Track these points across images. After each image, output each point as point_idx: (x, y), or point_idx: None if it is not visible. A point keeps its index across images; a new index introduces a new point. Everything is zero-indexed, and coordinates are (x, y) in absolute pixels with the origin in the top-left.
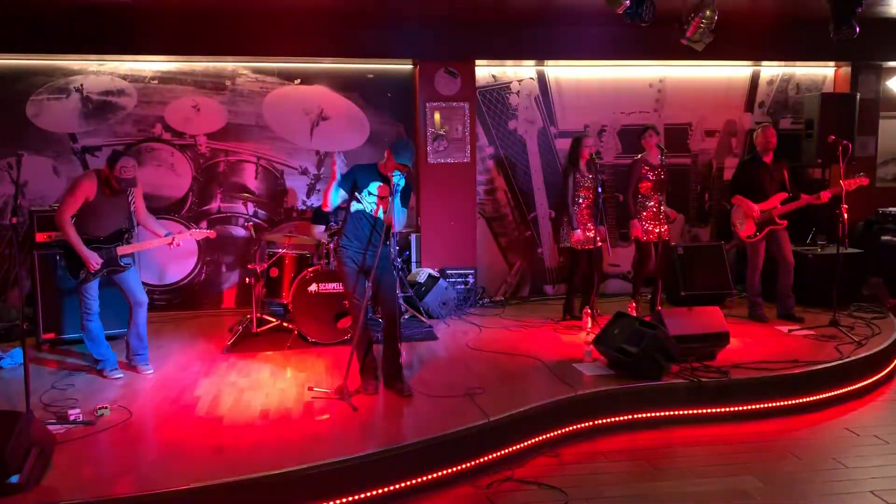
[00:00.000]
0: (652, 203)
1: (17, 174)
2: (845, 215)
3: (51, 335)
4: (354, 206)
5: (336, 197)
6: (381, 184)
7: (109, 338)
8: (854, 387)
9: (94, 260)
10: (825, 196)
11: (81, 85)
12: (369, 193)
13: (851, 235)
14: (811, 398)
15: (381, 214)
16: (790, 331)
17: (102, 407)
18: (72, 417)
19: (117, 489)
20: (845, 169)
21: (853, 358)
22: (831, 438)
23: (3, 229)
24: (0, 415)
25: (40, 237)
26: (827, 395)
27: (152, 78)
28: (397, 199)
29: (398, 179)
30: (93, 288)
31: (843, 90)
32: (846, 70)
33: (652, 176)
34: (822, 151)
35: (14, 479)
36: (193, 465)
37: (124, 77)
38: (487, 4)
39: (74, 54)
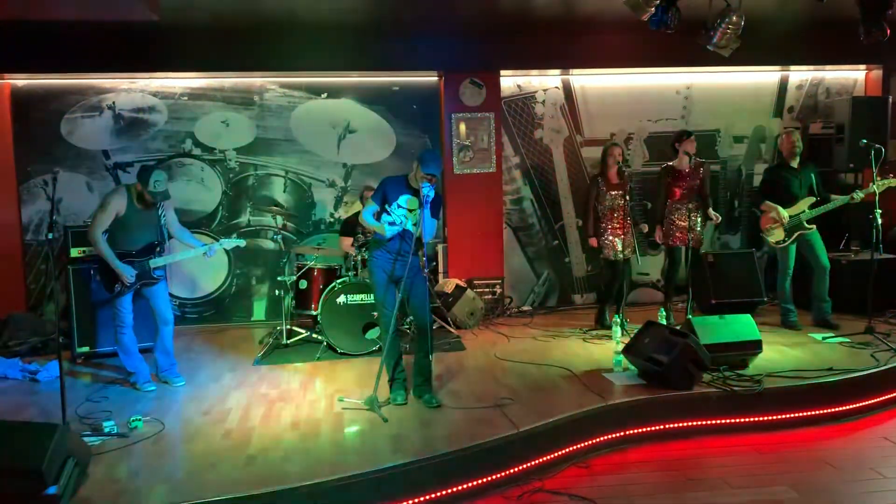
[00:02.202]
0: (681, 209)
1: (53, 191)
2: (879, 220)
3: (85, 349)
4: (384, 218)
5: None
6: (411, 196)
7: (142, 350)
8: (891, 395)
9: (129, 273)
10: (858, 196)
11: (113, 102)
12: (399, 206)
13: (886, 240)
14: (847, 407)
15: (409, 226)
16: (824, 338)
17: (136, 419)
18: (106, 429)
19: (151, 500)
20: (878, 173)
21: (890, 365)
22: (868, 448)
23: (40, 245)
24: (37, 427)
25: (75, 252)
26: (863, 403)
27: (182, 94)
28: (427, 211)
29: (428, 191)
30: (126, 301)
31: (875, 93)
32: (877, 73)
33: (682, 183)
34: (853, 156)
35: (51, 490)
36: (225, 476)
37: (155, 94)
38: (512, 15)
39: (106, 73)
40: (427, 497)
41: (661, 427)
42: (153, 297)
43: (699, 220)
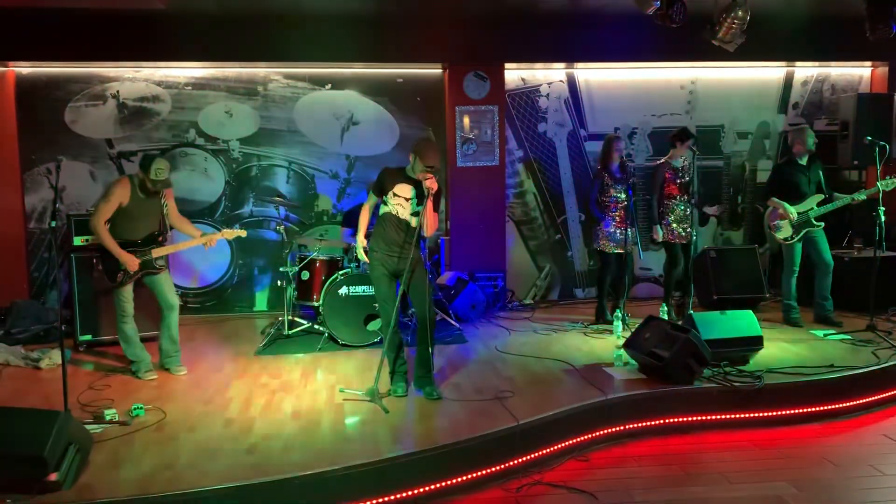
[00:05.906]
0: (679, 206)
1: (56, 179)
2: (883, 218)
3: (88, 337)
4: (382, 210)
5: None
6: (411, 188)
7: (144, 339)
8: (892, 392)
9: (132, 262)
10: (858, 198)
11: (117, 91)
12: (395, 195)
13: (889, 238)
14: (847, 404)
15: (408, 217)
16: (826, 335)
17: (137, 407)
18: (108, 417)
19: (152, 488)
20: (883, 171)
21: (891, 363)
22: (868, 445)
23: (43, 233)
24: (40, 414)
25: (78, 241)
26: (864, 400)
27: (186, 84)
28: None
29: (431, 184)
30: (127, 291)
31: (881, 90)
32: (883, 70)
33: (678, 179)
34: (858, 153)
35: (53, 476)
36: (226, 465)
37: (159, 83)
38: (517, 8)
39: (111, 62)
40: (427, 488)
41: (661, 422)
42: (156, 284)
43: (696, 216)
